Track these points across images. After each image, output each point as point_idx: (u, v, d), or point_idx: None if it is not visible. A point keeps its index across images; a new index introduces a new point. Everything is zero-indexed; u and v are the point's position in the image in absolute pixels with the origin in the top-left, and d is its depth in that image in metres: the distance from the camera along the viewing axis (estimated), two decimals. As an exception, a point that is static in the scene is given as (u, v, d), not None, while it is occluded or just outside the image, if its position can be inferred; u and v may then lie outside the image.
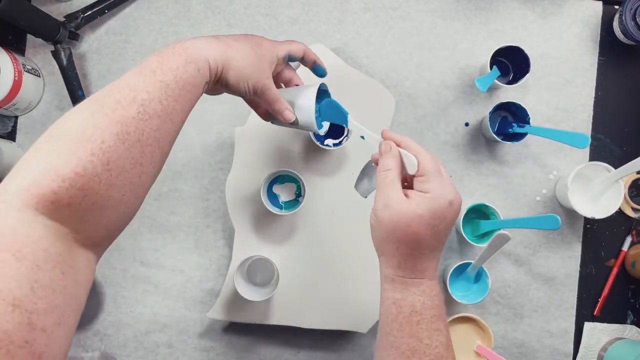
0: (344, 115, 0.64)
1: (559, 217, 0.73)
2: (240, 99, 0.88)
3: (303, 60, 0.66)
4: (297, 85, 0.67)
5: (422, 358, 0.51)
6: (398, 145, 0.56)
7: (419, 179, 0.54)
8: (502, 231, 0.69)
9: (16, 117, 0.87)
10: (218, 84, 0.57)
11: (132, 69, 0.49)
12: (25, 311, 0.35)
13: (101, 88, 0.48)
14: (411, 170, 0.55)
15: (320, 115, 0.66)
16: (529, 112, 0.81)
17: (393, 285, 0.54)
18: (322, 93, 0.66)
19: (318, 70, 0.68)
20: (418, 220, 0.51)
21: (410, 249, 0.52)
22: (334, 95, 0.83)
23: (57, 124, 0.44)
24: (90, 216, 0.43)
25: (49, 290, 0.37)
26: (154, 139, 0.47)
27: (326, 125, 0.67)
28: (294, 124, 0.64)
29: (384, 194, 0.53)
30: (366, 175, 0.65)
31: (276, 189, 0.83)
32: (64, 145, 0.41)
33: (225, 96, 0.88)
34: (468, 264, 0.81)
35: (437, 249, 0.54)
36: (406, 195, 0.53)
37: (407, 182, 0.57)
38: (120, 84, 0.47)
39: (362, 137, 0.62)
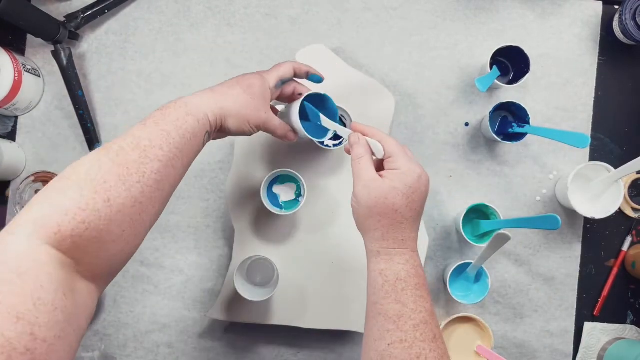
0: (317, 115, 0.70)
1: (559, 217, 0.73)
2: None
3: (297, 76, 0.71)
4: (300, 94, 0.71)
5: (407, 322, 0.54)
6: (365, 135, 0.63)
7: (388, 160, 0.61)
8: (502, 231, 0.69)
9: (16, 117, 0.87)
10: (221, 131, 0.64)
11: (138, 122, 0.55)
12: (28, 323, 0.38)
13: (102, 86, 0.48)
14: (379, 155, 0.62)
15: (312, 124, 0.71)
16: (529, 112, 0.81)
17: (378, 258, 0.58)
18: (321, 100, 0.71)
19: (314, 78, 0.73)
20: (394, 193, 0.57)
21: (390, 220, 0.58)
22: (334, 96, 0.83)
23: (71, 167, 0.49)
24: (91, 248, 0.46)
25: (51, 307, 0.41)
26: (154, 181, 0.52)
27: (330, 132, 0.71)
28: (303, 138, 0.71)
29: (361, 177, 0.60)
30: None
31: (276, 189, 0.83)
32: (72, 185, 0.47)
33: (225, 96, 0.88)
34: (468, 264, 0.81)
35: (414, 219, 0.59)
36: (380, 176, 0.59)
37: (380, 169, 0.63)
38: (126, 134, 0.53)
39: (336, 133, 0.69)
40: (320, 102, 0.71)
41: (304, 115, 0.70)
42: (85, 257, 0.46)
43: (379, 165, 0.63)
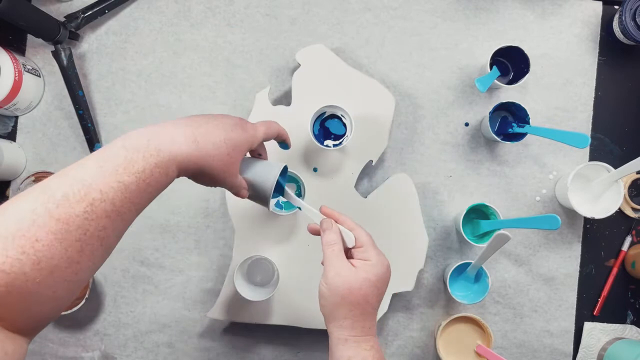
0: (282, 188, 0.67)
1: (558, 217, 0.73)
2: (241, 100, 0.88)
3: (271, 138, 0.66)
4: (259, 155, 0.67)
5: None
6: (336, 221, 0.63)
7: (359, 250, 0.62)
8: (502, 231, 0.69)
9: (16, 117, 0.87)
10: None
11: (97, 153, 0.47)
12: None
13: (102, 86, 0.46)
14: (349, 244, 0.63)
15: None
16: (528, 112, 0.81)
17: (345, 346, 0.59)
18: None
19: (283, 146, 0.70)
20: (367, 284, 0.59)
21: (361, 309, 0.59)
22: (335, 96, 0.84)
23: (1, 209, 0.42)
24: (15, 308, 0.42)
25: None
26: (97, 238, 0.45)
27: (274, 200, 0.68)
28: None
29: (334, 265, 0.60)
30: (366, 175, 0.67)
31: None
32: None
33: (225, 96, 0.88)
34: (468, 264, 0.81)
35: (377, 307, 0.62)
36: (353, 265, 0.60)
37: (347, 255, 0.63)
38: (75, 175, 0.45)
39: (299, 209, 0.67)
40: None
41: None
42: (9, 315, 0.41)
43: (346, 251, 0.63)
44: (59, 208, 0.42)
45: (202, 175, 0.55)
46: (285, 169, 0.67)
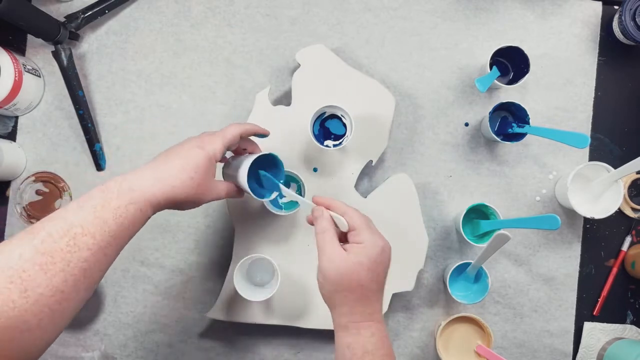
0: (276, 185, 0.69)
1: (558, 218, 0.73)
2: (241, 100, 0.88)
3: (242, 140, 0.69)
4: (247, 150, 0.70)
5: None
6: (328, 208, 0.63)
7: (352, 233, 0.61)
8: (501, 231, 0.69)
9: (16, 117, 0.87)
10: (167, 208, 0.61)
11: (76, 200, 0.52)
12: None
13: (102, 86, 0.47)
14: (343, 228, 0.62)
15: (262, 187, 0.70)
16: (528, 112, 0.81)
17: (346, 332, 0.59)
18: (270, 160, 0.69)
19: (261, 136, 0.72)
20: (360, 268, 0.58)
21: (357, 295, 0.58)
22: (335, 96, 0.83)
23: None
24: (4, 336, 0.44)
25: None
26: (80, 269, 0.49)
27: (275, 193, 0.71)
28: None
29: (326, 252, 0.59)
30: (366, 175, 0.67)
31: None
32: None
33: (225, 96, 0.88)
34: (468, 264, 0.81)
35: (379, 291, 0.60)
36: (345, 250, 0.59)
37: (343, 240, 0.63)
38: (58, 216, 0.50)
39: (297, 205, 0.70)
40: (268, 161, 0.70)
41: (252, 172, 0.68)
42: None
43: (342, 236, 0.63)
44: (43, 243, 0.48)
45: (177, 204, 0.60)
46: (268, 158, 0.68)
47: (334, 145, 0.81)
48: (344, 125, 0.82)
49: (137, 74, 0.87)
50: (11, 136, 0.87)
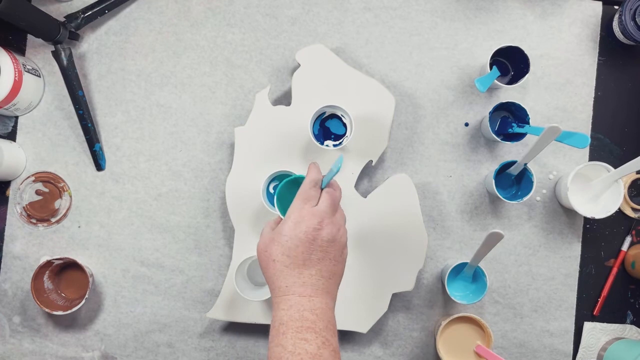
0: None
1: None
2: (241, 100, 0.88)
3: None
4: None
5: None
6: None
7: None
8: (495, 230, 0.69)
9: (16, 117, 0.87)
10: None
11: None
12: None
13: (102, 86, 0.47)
14: None
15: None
16: (528, 112, 0.81)
17: (272, 308, 0.60)
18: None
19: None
20: (272, 244, 0.60)
21: (271, 270, 0.60)
22: (334, 96, 0.84)
23: None
24: None
25: None
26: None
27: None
28: None
29: (260, 236, 0.64)
30: (366, 175, 0.67)
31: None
32: None
33: (225, 96, 0.88)
34: (465, 264, 0.81)
35: (299, 265, 0.59)
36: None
37: None
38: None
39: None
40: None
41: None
42: None
43: None
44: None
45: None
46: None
47: (334, 145, 0.81)
48: (344, 125, 0.82)
49: (137, 74, 0.87)
50: (11, 136, 0.87)
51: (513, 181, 0.85)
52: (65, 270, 0.87)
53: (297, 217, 0.60)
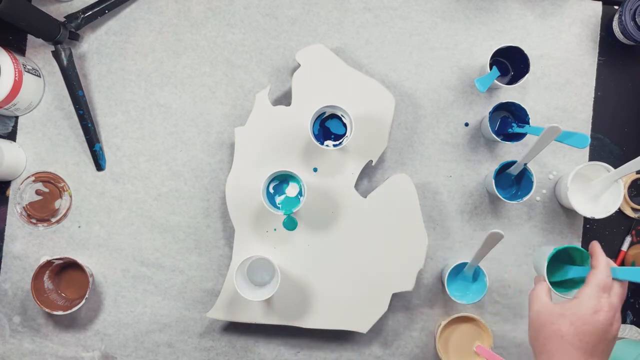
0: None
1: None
2: (241, 100, 0.88)
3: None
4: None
5: None
6: (593, 251, 0.66)
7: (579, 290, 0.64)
8: (495, 230, 0.69)
9: (16, 117, 0.87)
10: None
11: None
12: None
13: (102, 86, 0.47)
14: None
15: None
16: (528, 112, 0.81)
17: None
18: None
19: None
20: (561, 319, 0.61)
21: (555, 345, 0.61)
22: (334, 96, 0.83)
23: None
24: None
25: None
26: None
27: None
28: None
29: (536, 301, 0.65)
30: (366, 175, 0.67)
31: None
32: None
33: (225, 96, 0.88)
34: (465, 264, 0.81)
35: (582, 350, 0.60)
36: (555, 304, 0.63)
37: None
38: None
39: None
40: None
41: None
42: None
43: None
44: None
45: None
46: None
47: (334, 145, 0.81)
48: (344, 125, 0.82)
49: (137, 74, 0.87)
50: (11, 136, 0.87)
51: (513, 181, 0.85)
52: (65, 270, 0.87)
53: (596, 306, 0.61)
